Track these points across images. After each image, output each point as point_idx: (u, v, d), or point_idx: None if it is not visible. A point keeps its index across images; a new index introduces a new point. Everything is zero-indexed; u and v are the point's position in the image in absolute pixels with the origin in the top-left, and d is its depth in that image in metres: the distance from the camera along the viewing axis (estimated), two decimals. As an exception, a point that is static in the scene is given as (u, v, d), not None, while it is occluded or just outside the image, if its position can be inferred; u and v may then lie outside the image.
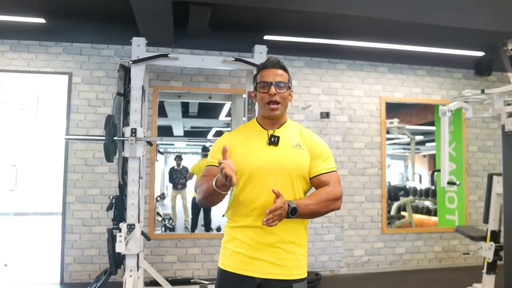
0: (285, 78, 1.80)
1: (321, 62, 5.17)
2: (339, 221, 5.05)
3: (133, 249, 3.49)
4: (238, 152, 1.75)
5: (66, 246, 4.48)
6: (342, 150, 5.11)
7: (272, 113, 1.77)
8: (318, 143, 1.81)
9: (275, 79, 1.77)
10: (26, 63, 4.53)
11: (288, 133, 1.81)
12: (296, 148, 1.76)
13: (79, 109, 4.57)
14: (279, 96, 1.76)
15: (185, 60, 3.92)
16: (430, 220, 7.76)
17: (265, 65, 1.82)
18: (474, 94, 4.18)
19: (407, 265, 5.22)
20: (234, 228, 1.76)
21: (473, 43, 5.06)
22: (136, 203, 3.58)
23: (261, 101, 1.79)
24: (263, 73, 1.80)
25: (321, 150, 1.80)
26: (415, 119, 8.13)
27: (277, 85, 1.76)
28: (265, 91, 1.76)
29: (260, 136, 1.79)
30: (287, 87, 1.79)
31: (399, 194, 8.38)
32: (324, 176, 1.75)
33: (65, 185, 4.51)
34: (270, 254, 1.69)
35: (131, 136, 3.50)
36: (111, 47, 4.68)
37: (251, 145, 1.77)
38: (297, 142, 1.78)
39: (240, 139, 1.81)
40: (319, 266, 4.95)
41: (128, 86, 3.78)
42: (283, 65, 1.84)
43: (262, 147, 1.76)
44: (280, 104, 1.77)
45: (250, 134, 1.82)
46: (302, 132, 1.84)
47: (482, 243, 4.23)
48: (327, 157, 1.80)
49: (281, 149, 1.75)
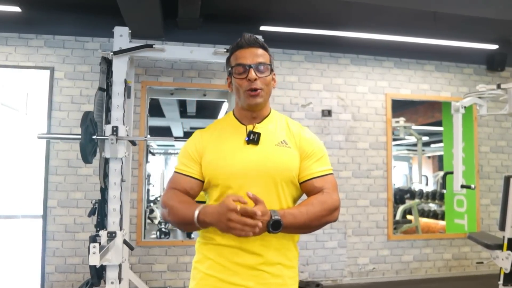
0: (267, 59, 1.46)
1: (322, 56, 4.83)
2: (342, 227, 4.71)
3: (114, 259, 3.16)
4: (210, 155, 1.42)
5: (47, 254, 4.15)
6: (345, 151, 4.77)
7: (254, 101, 1.41)
8: (309, 140, 1.48)
9: (255, 61, 1.42)
10: (5, 57, 4.21)
11: (272, 128, 1.47)
12: (281, 146, 1.42)
13: (61, 107, 4.25)
14: (261, 81, 1.41)
15: (173, 51, 3.58)
16: (437, 224, 7.43)
17: (241, 44, 1.46)
18: (489, 89, 3.83)
19: (415, 274, 4.87)
20: (207, 245, 1.42)
21: (486, 35, 4.74)
22: (118, 208, 3.25)
23: (238, 90, 1.44)
24: (239, 54, 1.45)
25: (313, 149, 1.46)
26: (421, 118, 7.79)
27: (258, 68, 1.41)
28: (243, 76, 1.41)
29: (237, 133, 1.45)
30: (269, 69, 1.45)
31: (405, 197, 8.05)
32: (317, 181, 1.40)
33: (46, 188, 4.19)
34: (250, 279, 1.34)
35: (111, 134, 3.16)
36: (96, 39, 4.36)
37: (226, 145, 1.43)
38: (283, 139, 1.44)
39: (213, 138, 1.47)
40: (321, 276, 4.61)
41: (110, 80, 3.46)
42: (262, 43, 1.49)
43: (239, 147, 1.42)
44: (262, 90, 1.42)
45: (225, 131, 1.48)
46: (289, 126, 1.50)
47: (498, 252, 3.89)
48: (320, 156, 1.46)
49: (262, 149, 1.40)
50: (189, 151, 1.46)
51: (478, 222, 5.07)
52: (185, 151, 1.48)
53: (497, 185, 5.05)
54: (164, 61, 4.42)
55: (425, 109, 7.35)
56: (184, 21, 4.15)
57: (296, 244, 1.46)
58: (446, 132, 5.62)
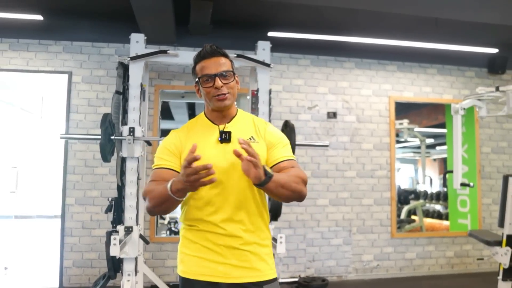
0: (229, 66, 1.63)
1: (327, 61, 5.02)
2: (346, 225, 4.87)
3: (131, 252, 3.36)
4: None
5: (65, 249, 4.37)
6: (349, 151, 4.94)
7: (223, 104, 1.59)
8: (273, 132, 1.66)
9: (218, 70, 1.58)
10: (26, 62, 4.44)
11: (241, 126, 1.65)
12: (250, 142, 1.53)
13: (79, 109, 4.47)
14: (226, 87, 1.58)
15: (186, 56, 3.77)
16: (441, 225, 7.54)
17: (203, 55, 1.62)
18: (488, 91, 3.99)
19: (418, 271, 5.02)
20: (192, 231, 1.60)
21: (487, 39, 4.87)
22: (134, 205, 3.45)
23: (207, 96, 1.60)
24: (203, 64, 1.61)
25: (277, 139, 1.64)
26: (425, 120, 7.93)
27: (222, 76, 1.58)
28: (210, 85, 1.58)
29: (211, 133, 1.63)
30: (232, 75, 1.61)
31: (409, 198, 8.18)
32: (284, 163, 1.58)
33: (64, 187, 4.41)
34: (233, 257, 1.54)
35: (129, 135, 3.37)
36: (112, 45, 4.58)
37: (202, 143, 1.57)
38: (251, 135, 1.62)
39: (190, 137, 1.63)
40: (326, 272, 4.77)
41: (127, 84, 3.67)
42: (223, 52, 1.65)
43: (214, 146, 1.59)
44: (229, 93, 1.60)
45: (200, 131, 1.65)
46: (255, 123, 1.68)
47: (498, 248, 4.03)
48: (285, 144, 1.64)
49: (233, 146, 1.53)
50: (169, 148, 1.61)
51: (480, 221, 5.20)
52: (164, 149, 1.62)
53: (498, 185, 5.16)
54: (176, 66, 4.63)
55: (429, 111, 7.48)
56: (196, 27, 4.33)
57: (268, 227, 1.65)
58: (450, 134, 5.77)
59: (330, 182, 4.86)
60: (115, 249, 2.93)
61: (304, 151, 4.77)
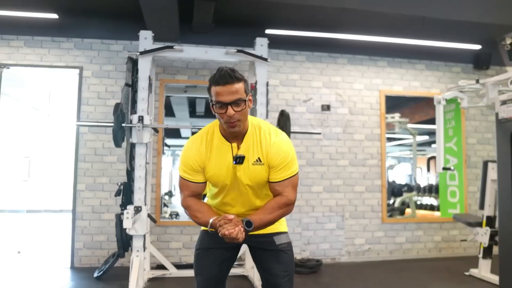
0: (241, 91, 1.75)
1: (322, 57, 5.34)
2: (340, 211, 5.19)
3: (140, 230, 3.67)
4: (211, 171, 1.87)
5: (76, 232, 4.67)
6: (342, 142, 5.26)
7: (233, 130, 1.78)
8: (274, 155, 1.83)
9: (231, 99, 1.72)
10: (40, 58, 4.76)
11: (250, 146, 1.85)
12: (256, 164, 1.84)
13: (89, 102, 4.78)
14: (238, 114, 1.73)
15: (190, 51, 4.11)
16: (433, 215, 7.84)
17: (218, 82, 1.74)
18: (469, 84, 4.32)
19: (407, 254, 5.33)
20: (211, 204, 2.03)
21: (471, 37, 5.19)
22: (143, 187, 3.77)
23: (219, 119, 1.79)
24: (218, 90, 1.74)
25: (276, 162, 1.83)
26: (417, 115, 8.24)
27: (235, 104, 1.72)
28: (223, 111, 1.73)
29: (226, 152, 1.86)
30: (244, 101, 1.75)
31: (403, 190, 8.48)
32: (277, 184, 1.86)
33: (75, 173, 4.72)
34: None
35: (138, 122, 3.69)
36: (120, 42, 4.89)
37: (220, 162, 1.86)
38: (257, 157, 1.84)
39: (210, 154, 1.87)
40: (321, 254, 5.08)
41: (136, 77, 3.99)
42: (236, 76, 1.75)
43: (230, 166, 1.85)
44: (239, 121, 1.76)
45: (217, 148, 1.87)
46: (262, 143, 1.85)
47: (478, 228, 4.37)
48: (282, 167, 1.83)
49: (244, 167, 1.84)
50: (192, 165, 1.86)
51: (466, 208, 5.51)
52: (188, 164, 1.87)
53: (483, 174, 5.49)
54: (180, 61, 4.94)
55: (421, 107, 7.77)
56: (199, 25, 4.65)
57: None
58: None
59: (324, 170, 5.18)
60: (127, 222, 3.26)
61: (300, 141, 5.09)
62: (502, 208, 3.97)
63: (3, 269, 4.45)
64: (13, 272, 4.36)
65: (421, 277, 4.43)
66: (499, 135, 4.04)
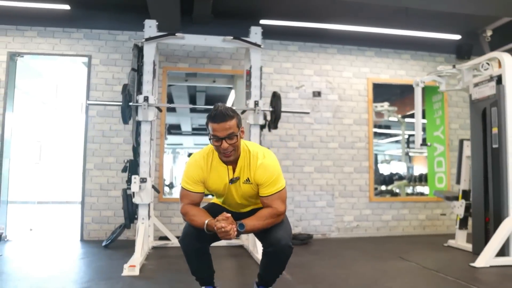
0: (234, 127, 2.13)
1: (313, 47, 5.73)
2: (330, 190, 5.57)
3: (145, 199, 4.05)
4: (211, 186, 2.31)
5: (85, 208, 5.05)
6: (332, 126, 5.65)
7: (227, 159, 2.20)
8: (261, 175, 2.22)
9: (225, 134, 2.09)
10: (51, 47, 5.15)
11: (242, 168, 2.27)
12: (246, 184, 2.27)
13: (97, 87, 5.17)
14: (231, 146, 2.14)
15: (190, 39, 4.50)
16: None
17: (214, 119, 2.11)
18: (446, 69, 4.70)
19: (393, 231, 5.71)
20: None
21: (452, 27, 5.59)
22: (148, 161, 4.15)
23: (216, 149, 2.20)
24: (214, 126, 2.11)
25: (262, 180, 2.22)
26: (408, 107, 8.64)
27: (229, 137, 2.11)
28: (218, 144, 2.13)
29: (223, 173, 2.28)
30: (236, 135, 2.14)
31: (394, 179, 8.87)
32: (266, 198, 2.24)
33: (85, 154, 5.11)
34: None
35: (144, 102, 4.07)
36: (126, 33, 5.28)
37: (219, 180, 2.29)
38: (247, 177, 2.26)
39: (210, 172, 2.28)
40: (312, 230, 5.46)
41: (141, 62, 4.38)
42: (230, 114, 2.12)
43: (226, 183, 2.29)
44: (233, 150, 2.17)
45: (215, 168, 2.28)
46: (251, 164, 2.24)
47: (455, 202, 4.74)
48: (268, 184, 2.21)
49: (236, 185, 2.29)
50: (196, 178, 2.26)
51: (449, 187, 5.89)
52: (191, 177, 2.26)
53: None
54: (181, 50, 5.34)
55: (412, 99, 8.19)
56: (198, 17, 5.05)
57: None
58: (429, 113, 6.44)
59: (315, 152, 5.57)
60: (135, 186, 3.64)
61: (293, 125, 5.49)
62: (475, 181, 4.36)
63: (17, 243, 4.82)
64: (26, 246, 4.73)
65: (403, 247, 4.80)
66: (472, 114, 4.43)
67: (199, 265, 2.33)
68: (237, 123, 2.15)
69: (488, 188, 4.14)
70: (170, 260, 3.99)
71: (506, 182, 3.92)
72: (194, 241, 2.21)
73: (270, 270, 2.33)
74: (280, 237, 2.16)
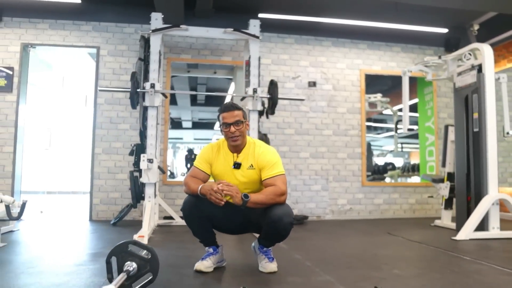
0: (240, 116, 2.54)
1: (309, 40, 6.05)
2: (324, 174, 5.90)
3: (152, 178, 4.36)
4: (216, 169, 2.60)
5: (94, 190, 5.38)
6: (327, 114, 5.97)
7: (234, 143, 2.54)
8: (263, 159, 2.54)
9: (233, 120, 2.50)
10: (62, 39, 5.47)
11: (246, 156, 2.58)
12: (250, 169, 2.55)
13: (105, 77, 5.49)
14: (238, 131, 2.51)
15: (194, 31, 4.81)
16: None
17: (224, 110, 2.54)
18: (433, 59, 5.02)
19: (385, 214, 6.04)
20: None
21: (440, 22, 5.91)
22: (154, 143, 4.46)
23: (225, 136, 2.56)
24: (224, 116, 2.52)
25: (264, 164, 2.52)
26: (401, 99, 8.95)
27: (236, 124, 2.50)
28: (227, 129, 2.51)
29: (228, 160, 2.60)
30: (242, 122, 2.53)
31: (388, 168, 9.19)
32: (268, 180, 2.50)
33: (93, 139, 5.43)
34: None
35: (150, 88, 4.39)
36: (132, 25, 5.60)
37: (225, 164, 2.59)
38: (251, 164, 2.56)
39: (218, 157, 2.62)
40: (307, 212, 5.79)
41: (148, 52, 4.69)
42: (237, 106, 2.56)
43: (230, 169, 2.58)
44: (239, 136, 2.52)
45: (223, 155, 2.61)
46: (254, 152, 2.57)
47: (441, 184, 5.07)
48: (270, 166, 2.51)
49: (241, 170, 2.57)
50: (206, 159, 2.60)
51: (437, 172, 6.21)
52: (203, 158, 2.61)
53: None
54: (184, 42, 5.66)
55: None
56: (200, 10, 5.36)
57: None
58: (421, 104, 6.77)
59: (310, 139, 5.90)
60: (143, 163, 3.96)
61: (289, 113, 5.82)
62: (459, 164, 4.68)
63: (30, 223, 5.15)
64: (39, 224, 5.06)
65: (393, 227, 5.12)
66: (456, 101, 4.76)
67: (199, 229, 2.62)
68: (243, 114, 2.57)
69: (470, 169, 4.46)
70: (175, 234, 4.32)
71: (485, 163, 4.24)
72: (193, 208, 2.50)
73: (270, 240, 2.60)
74: (282, 214, 2.41)
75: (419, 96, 6.87)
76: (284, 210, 2.42)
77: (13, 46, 5.34)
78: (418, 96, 6.90)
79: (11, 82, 5.30)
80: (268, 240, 2.59)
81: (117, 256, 2.11)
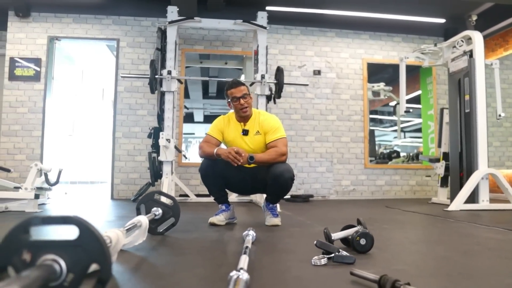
0: (246, 90, 2.94)
1: (314, 31, 6.43)
2: (329, 157, 6.28)
3: (169, 157, 4.80)
4: (228, 136, 3.02)
5: (115, 171, 5.83)
6: (331, 100, 6.35)
7: (245, 114, 2.95)
8: (267, 125, 2.95)
9: (240, 94, 2.90)
10: (85, 32, 5.93)
11: (252, 124, 2.99)
12: (256, 135, 2.96)
13: (125, 67, 5.94)
14: (246, 102, 2.92)
15: (206, 22, 5.23)
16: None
17: (232, 86, 2.94)
18: (429, 46, 5.37)
19: (386, 195, 6.40)
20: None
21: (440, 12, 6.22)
22: (171, 125, 4.90)
23: (235, 108, 2.95)
24: (232, 91, 2.92)
25: (268, 128, 2.94)
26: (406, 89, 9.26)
27: (243, 97, 2.91)
28: (237, 102, 2.91)
29: (237, 128, 3.02)
30: (248, 95, 2.93)
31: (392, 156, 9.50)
32: (271, 143, 2.92)
33: (114, 124, 5.88)
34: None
35: (167, 75, 4.82)
36: (149, 19, 6.04)
37: (235, 132, 3.01)
38: (257, 130, 2.97)
39: (228, 126, 3.04)
40: (313, 192, 6.17)
41: (164, 42, 5.13)
42: (241, 82, 2.98)
43: (239, 136, 3.00)
44: (248, 107, 2.93)
45: (233, 125, 3.03)
46: (260, 120, 2.98)
47: (437, 163, 5.41)
48: (273, 130, 2.93)
49: (249, 137, 2.98)
50: (218, 127, 3.03)
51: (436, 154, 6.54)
52: (216, 127, 3.04)
53: (451, 129, 6.50)
54: (197, 34, 6.08)
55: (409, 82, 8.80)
56: (212, 4, 5.77)
57: None
58: (423, 95, 7.10)
59: (315, 124, 6.28)
60: (162, 141, 4.40)
61: (295, 99, 6.21)
62: (452, 142, 5.03)
63: (57, 201, 5.62)
64: (65, 203, 5.53)
65: (391, 203, 5.48)
66: (450, 85, 5.10)
67: (214, 187, 3.02)
68: (248, 89, 2.98)
69: (462, 148, 4.81)
70: (190, 207, 4.73)
71: (476, 141, 4.58)
72: (209, 168, 2.92)
73: (274, 194, 3.00)
74: (283, 170, 2.81)
75: (422, 87, 7.20)
76: (284, 167, 2.82)
77: (41, 39, 5.81)
78: (421, 87, 7.22)
79: (39, 72, 5.77)
80: (272, 195, 2.99)
81: (145, 203, 2.54)
